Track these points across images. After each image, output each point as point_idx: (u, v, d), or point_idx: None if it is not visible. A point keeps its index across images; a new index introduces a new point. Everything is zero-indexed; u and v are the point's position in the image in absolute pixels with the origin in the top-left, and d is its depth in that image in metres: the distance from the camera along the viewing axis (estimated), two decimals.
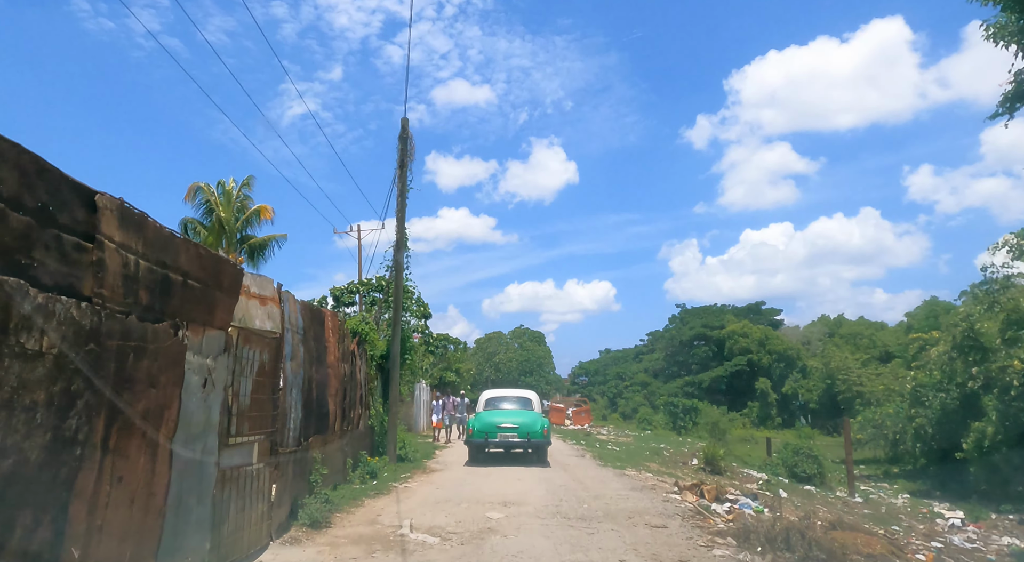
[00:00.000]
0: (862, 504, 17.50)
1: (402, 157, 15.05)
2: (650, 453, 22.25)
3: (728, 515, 8.92)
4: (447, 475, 13.39)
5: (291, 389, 7.37)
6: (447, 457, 18.03)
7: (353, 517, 8.40)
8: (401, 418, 28.03)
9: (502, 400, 16.71)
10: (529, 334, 79.54)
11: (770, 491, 16.57)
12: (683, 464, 20.07)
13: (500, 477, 12.91)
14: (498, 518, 8.38)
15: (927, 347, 29.83)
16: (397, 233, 15.02)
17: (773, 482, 18.08)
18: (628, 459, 18.93)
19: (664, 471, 17.29)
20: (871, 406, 33.39)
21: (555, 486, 11.47)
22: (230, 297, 5.39)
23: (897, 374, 35.15)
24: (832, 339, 56.24)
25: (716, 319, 69.46)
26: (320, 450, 8.94)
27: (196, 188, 25.55)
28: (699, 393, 62.13)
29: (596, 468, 15.35)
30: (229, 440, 5.67)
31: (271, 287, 6.87)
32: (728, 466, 19.95)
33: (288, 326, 7.34)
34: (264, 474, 6.53)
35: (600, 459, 18.22)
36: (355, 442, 12.26)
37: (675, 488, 11.78)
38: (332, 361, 9.69)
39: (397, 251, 15.06)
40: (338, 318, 10.29)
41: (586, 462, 16.92)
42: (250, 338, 6.20)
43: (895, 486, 24.89)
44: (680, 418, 43.56)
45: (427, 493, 10.71)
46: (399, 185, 15.00)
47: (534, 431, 15.07)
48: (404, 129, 15.09)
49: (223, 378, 5.34)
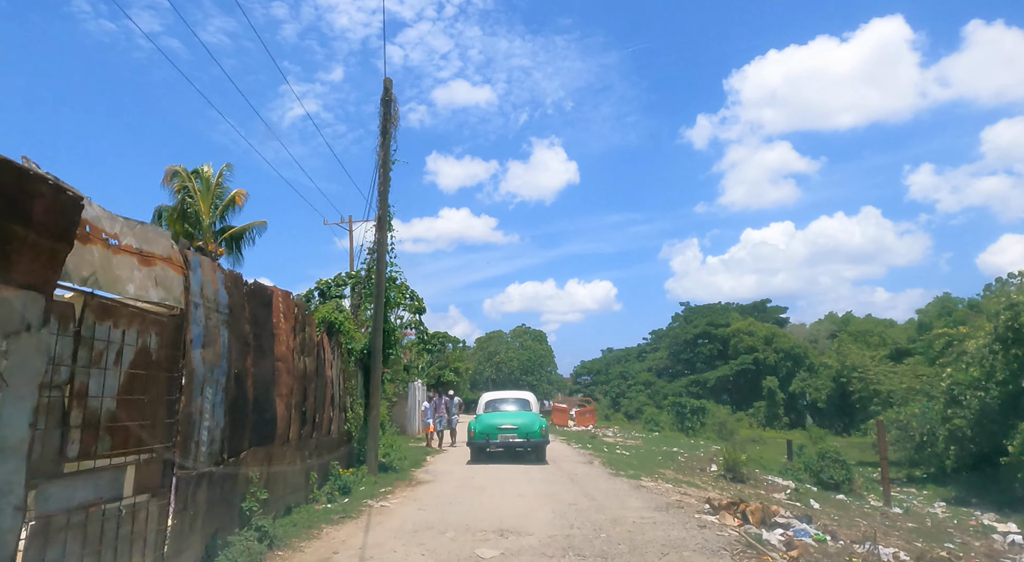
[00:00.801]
0: (903, 516, 15.35)
1: (384, 123, 12.95)
2: (663, 458, 20.12)
3: (789, 551, 6.80)
4: (435, 489, 11.27)
5: (202, 387, 5.25)
6: (439, 465, 15.88)
7: (301, 556, 6.29)
8: (393, 420, 25.92)
9: (501, 402, 16.87)
10: (530, 333, 77.41)
11: (800, 501, 14.52)
12: (701, 471, 17.95)
13: (498, 491, 10.79)
14: (492, 557, 6.27)
15: (954, 343, 27.75)
16: (380, 208, 12.93)
17: (801, 491, 16.01)
18: (641, 466, 16.82)
19: (682, 480, 15.22)
20: (892, 406, 31.25)
21: (563, 505, 9.35)
22: (52, 239, 3.28)
23: (917, 371, 32.94)
24: (840, 336, 53.97)
25: (721, 317, 67.30)
26: (261, 466, 6.83)
27: (173, 172, 23.46)
28: (704, 392, 60.03)
29: (608, 478, 13.23)
30: (64, 466, 3.58)
31: (164, 242, 4.75)
32: (750, 473, 17.77)
33: (199, 301, 5.23)
34: (147, 510, 4.43)
35: (610, 466, 16.12)
36: (324, 451, 10.16)
37: (706, 506, 9.68)
38: (283, 353, 7.59)
39: (379, 230, 12.97)
40: (293, 300, 8.19)
41: (595, 470, 14.81)
42: (114, 312, 4.10)
43: (924, 492, 22.75)
44: (688, 418, 41.51)
45: (406, 515, 8.59)
46: (381, 154, 12.91)
47: (533, 431, 15.30)
48: (387, 91, 13.00)
49: (35, 369, 3.22)
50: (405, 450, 17.72)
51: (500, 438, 15.33)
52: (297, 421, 8.28)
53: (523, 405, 16.65)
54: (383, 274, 12.73)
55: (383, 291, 12.68)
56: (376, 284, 12.70)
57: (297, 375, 8.23)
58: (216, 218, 23.90)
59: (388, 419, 22.45)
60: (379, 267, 12.67)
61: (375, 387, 12.51)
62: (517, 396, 17.35)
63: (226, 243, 24.22)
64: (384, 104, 12.97)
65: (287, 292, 8.01)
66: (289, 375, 7.80)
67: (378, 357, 12.50)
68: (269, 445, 7.16)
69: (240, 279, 6.29)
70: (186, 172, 23.60)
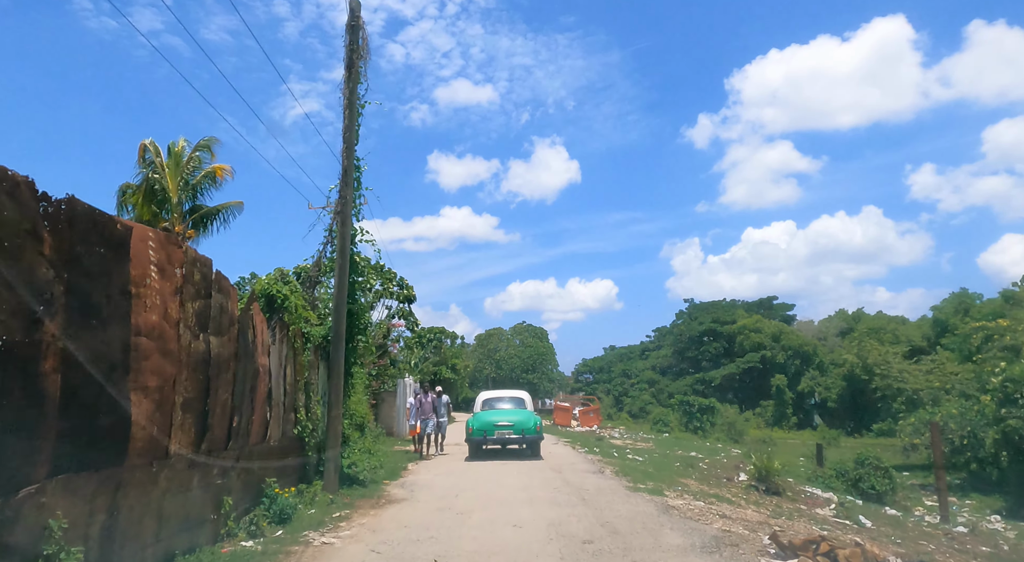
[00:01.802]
0: (970, 537, 12.55)
1: (350, 55, 10.23)
2: (681, 464, 17.36)
3: None
4: (406, 513, 8.50)
5: None
6: (420, 476, 13.10)
7: None
8: (380, 421, 23.13)
9: (497, 401, 17.20)
10: (531, 330, 74.61)
11: (848, 518, 11.78)
12: (727, 481, 15.19)
13: (486, 518, 8.05)
14: None
15: (994, 336, 25.02)
16: (344, 159, 10.20)
17: (847, 505, 13.28)
18: (659, 475, 14.09)
19: (709, 492, 12.55)
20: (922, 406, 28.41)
21: (575, 544, 6.60)
22: None
23: (946, 370, 30.08)
24: (858, 332, 51.10)
25: (726, 314, 64.47)
26: (91, 502, 4.11)
27: (144, 147, 20.75)
28: (710, 391, 57.23)
29: (625, 495, 10.47)
30: None
31: None
32: (784, 483, 14.93)
33: None
34: None
35: (625, 476, 13.40)
36: (255, 465, 7.43)
37: (769, 542, 6.96)
38: (152, 324, 4.87)
39: (344, 186, 10.23)
40: (183, 250, 5.46)
41: (608, 483, 12.06)
42: None
43: (969, 502, 19.99)
44: (696, 418, 38.72)
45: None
46: (347, 92, 10.18)
47: (528, 428, 15.68)
48: (354, 15, 10.27)
49: None
50: (384, 456, 14.99)
51: (497, 435, 15.66)
52: (190, 426, 5.56)
53: (518, 403, 16.94)
54: (347, 239, 9.97)
55: (347, 261, 9.93)
56: (339, 252, 9.94)
57: (189, 360, 5.51)
58: (187, 196, 21.14)
59: (371, 420, 19.68)
60: (343, 231, 9.93)
61: (336, 382, 9.77)
62: (513, 395, 17.62)
63: (198, 225, 21.47)
64: (350, 31, 10.25)
65: (167, 234, 5.29)
66: (166, 358, 5.07)
67: (340, 344, 9.77)
68: (115, 467, 4.43)
69: (20, 186, 3.55)
70: (155, 146, 20.88)
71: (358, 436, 15.52)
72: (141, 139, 21.11)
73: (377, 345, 22.37)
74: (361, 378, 12.74)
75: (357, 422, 16.22)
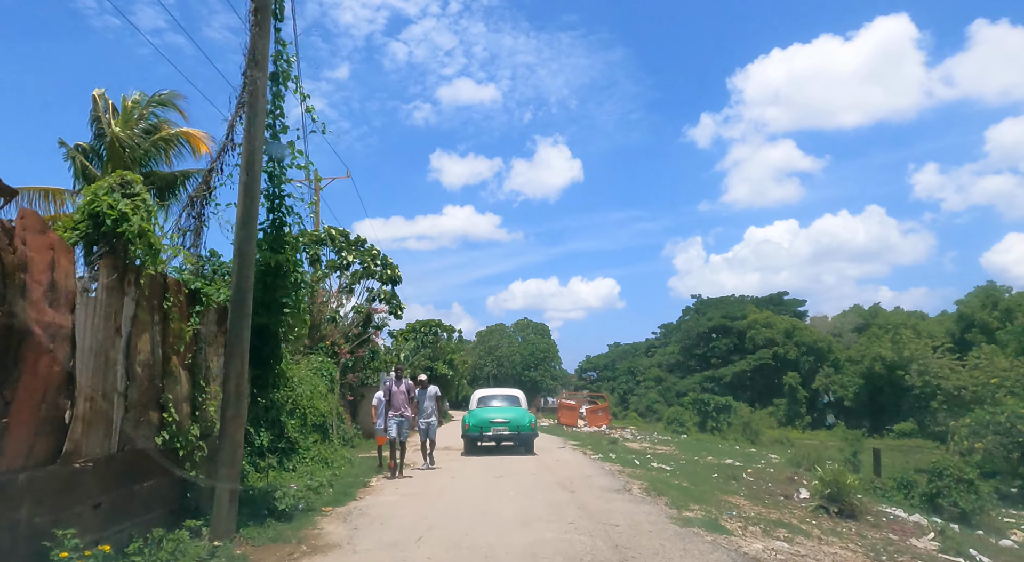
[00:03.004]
0: None
1: None
2: (720, 476, 13.71)
3: None
4: None
5: None
6: (377, 499, 8.99)
7: None
8: (359, 421, 19.48)
9: (492, 398, 17.20)
10: (533, 327, 71.01)
11: (960, 554, 8.21)
12: (784, 499, 11.51)
13: None
14: None
15: None
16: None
17: (948, 534, 9.68)
18: (700, 493, 10.52)
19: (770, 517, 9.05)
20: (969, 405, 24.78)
21: None
22: None
23: (996, 365, 26.40)
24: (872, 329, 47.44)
25: (736, 309, 60.77)
26: None
27: (95, 99, 16.96)
28: (720, 389, 53.52)
29: (676, 533, 6.86)
30: None
31: None
32: (858, 502, 11.14)
33: None
34: None
35: (659, 495, 9.82)
36: (30, 509, 3.88)
37: None
38: None
39: (255, 46, 6.59)
40: None
41: (644, 510, 8.42)
42: None
43: None
44: (712, 418, 35.12)
45: None
46: None
47: (523, 425, 15.71)
48: None
49: None
50: (344, 466, 11.38)
51: (493, 431, 15.75)
52: None
53: (513, 401, 16.95)
54: (258, 142, 6.33)
55: (257, 176, 6.32)
56: (244, 164, 6.33)
57: None
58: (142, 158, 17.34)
59: (340, 420, 16.07)
60: (250, 129, 6.31)
61: (236, 365, 6.18)
62: (507, 393, 17.64)
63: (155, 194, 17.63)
64: None
65: None
66: None
67: (242, 307, 6.18)
68: None
69: None
70: (103, 98, 17.01)
71: (315, 441, 11.91)
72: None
73: (355, 334, 18.81)
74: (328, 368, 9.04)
75: (315, 422, 12.59)
